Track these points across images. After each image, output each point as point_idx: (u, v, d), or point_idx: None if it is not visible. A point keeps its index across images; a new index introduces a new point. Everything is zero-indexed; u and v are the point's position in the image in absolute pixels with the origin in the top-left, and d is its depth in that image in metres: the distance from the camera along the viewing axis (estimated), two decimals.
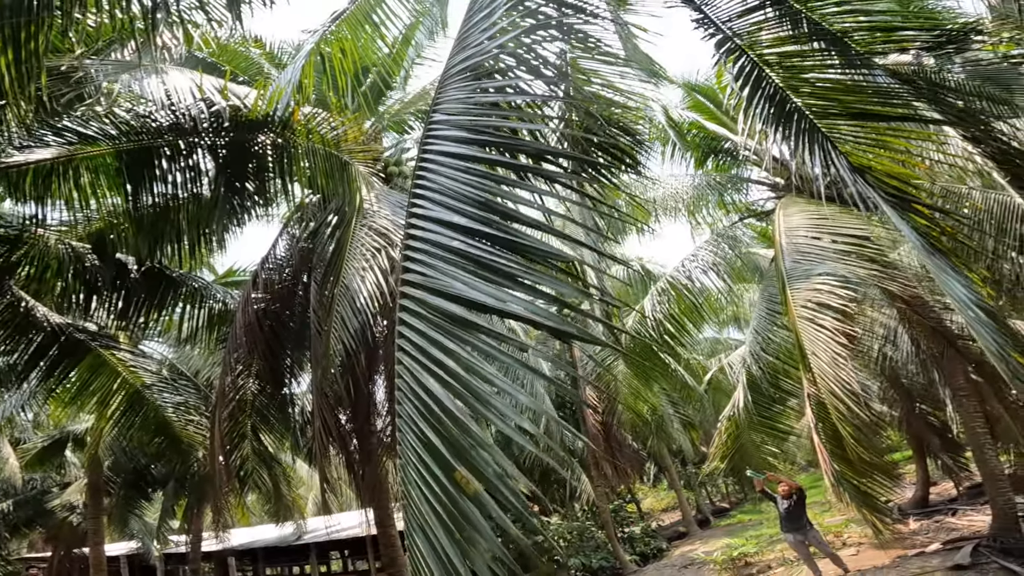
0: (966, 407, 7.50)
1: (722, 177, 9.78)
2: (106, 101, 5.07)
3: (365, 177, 5.63)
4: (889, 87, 3.58)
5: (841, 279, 4.61)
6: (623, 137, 4.79)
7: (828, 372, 4.33)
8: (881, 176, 3.22)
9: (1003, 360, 2.82)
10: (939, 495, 12.60)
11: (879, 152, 3.43)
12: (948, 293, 2.74)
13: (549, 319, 1.21)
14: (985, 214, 5.53)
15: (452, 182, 1.79)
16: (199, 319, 7.61)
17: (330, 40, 5.53)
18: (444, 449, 1.23)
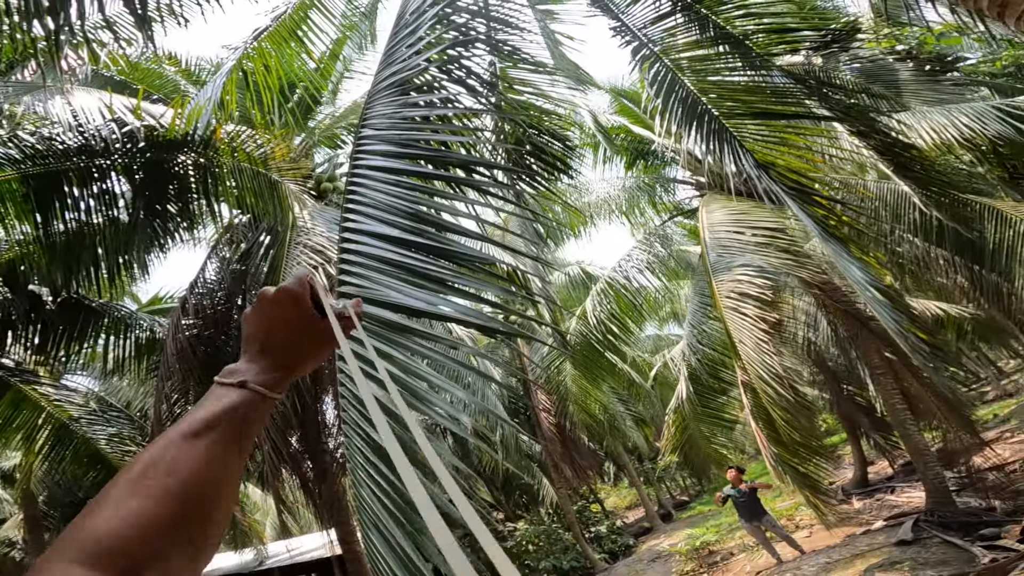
0: (884, 385, 7.78)
1: (651, 178, 10.19)
2: (8, 124, 4.77)
3: (297, 195, 5.55)
4: (785, 87, 3.88)
5: (758, 269, 4.94)
6: (555, 144, 4.95)
7: (754, 358, 4.61)
8: (783, 171, 3.49)
9: (902, 336, 3.14)
10: (877, 474, 13.13)
11: (780, 149, 3.71)
12: (847, 276, 3.01)
13: (477, 318, 1.29)
14: (881, 202, 6.05)
15: (383, 196, 1.84)
16: (125, 349, 7.33)
17: (253, 56, 5.41)
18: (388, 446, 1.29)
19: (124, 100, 5.09)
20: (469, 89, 3.47)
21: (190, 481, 0.50)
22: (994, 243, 5.55)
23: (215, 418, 0.56)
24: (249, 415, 0.58)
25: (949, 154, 5.96)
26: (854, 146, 4.48)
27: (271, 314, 0.66)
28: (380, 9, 7.76)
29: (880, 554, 6.92)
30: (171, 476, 0.50)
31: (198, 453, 0.52)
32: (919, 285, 9.10)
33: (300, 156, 8.18)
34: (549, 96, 4.97)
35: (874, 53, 5.60)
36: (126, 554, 0.44)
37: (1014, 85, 6.80)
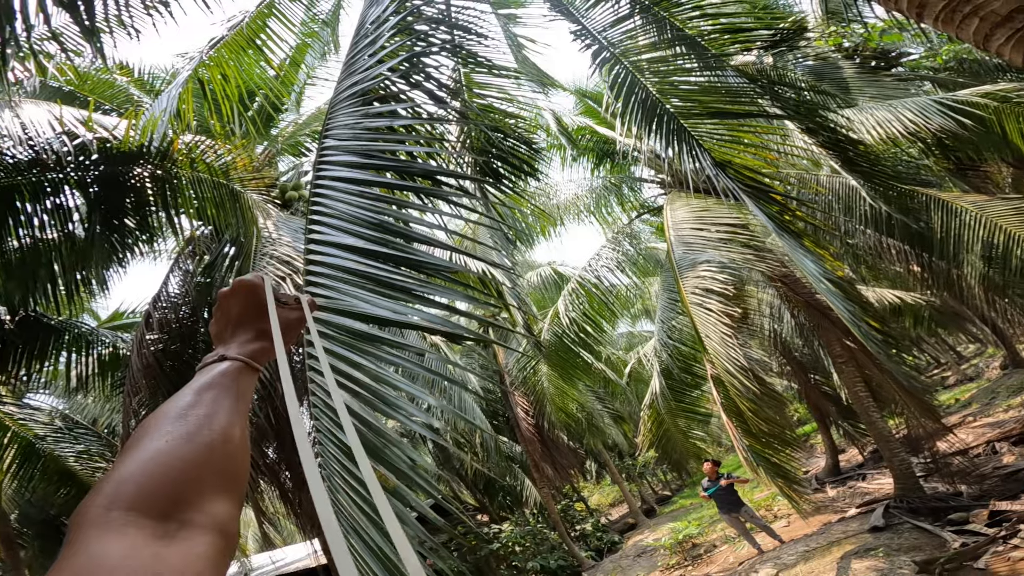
0: (847, 374, 7.86)
1: (617, 178, 10.33)
2: None
3: (260, 205, 5.47)
4: (739, 86, 4.01)
5: (720, 265, 5.08)
6: (521, 147, 5.00)
7: (720, 351, 4.73)
8: (740, 168, 3.61)
9: (856, 325, 3.28)
10: (848, 462, 13.32)
11: (736, 147, 3.84)
12: (802, 269, 3.13)
13: (444, 325, 1.32)
14: (834, 196, 6.27)
15: (347, 206, 1.86)
16: (88, 366, 7.18)
17: (209, 65, 5.32)
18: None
19: (75, 112, 4.95)
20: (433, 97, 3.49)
21: (209, 427, 0.52)
22: (942, 232, 5.81)
23: (210, 382, 0.59)
24: (239, 381, 0.61)
25: (896, 148, 6.21)
26: (805, 143, 4.65)
27: (233, 302, 0.73)
28: (342, 16, 7.70)
29: (855, 541, 7.05)
30: (192, 424, 0.51)
31: (209, 406, 0.55)
32: (875, 275, 9.43)
33: (263, 165, 8.07)
34: (514, 99, 5.02)
35: (821, 51, 5.81)
36: (163, 496, 0.45)
37: (955, 79, 7.12)
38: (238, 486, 0.52)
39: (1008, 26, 2.14)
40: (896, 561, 5.93)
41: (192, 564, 0.42)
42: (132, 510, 0.42)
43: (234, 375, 0.61)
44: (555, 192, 10.27)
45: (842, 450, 14.12)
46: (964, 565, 5.22)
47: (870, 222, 6.05)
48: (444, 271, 1.42)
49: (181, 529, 0.43)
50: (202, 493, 0.47)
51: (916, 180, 6.27)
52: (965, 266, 5.94)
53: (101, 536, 0.40)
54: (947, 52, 7.40)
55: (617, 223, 10.28)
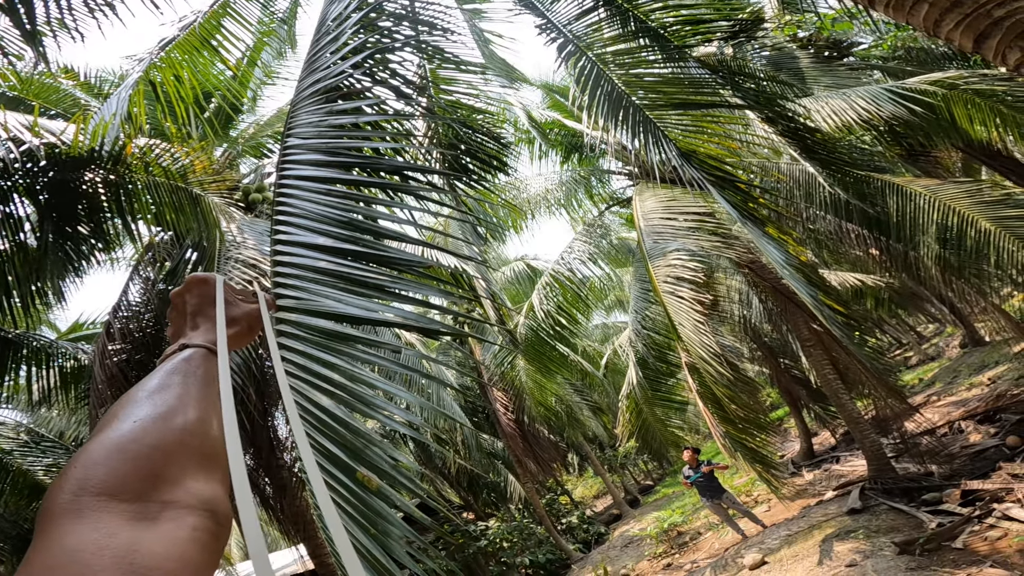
0: (815, 357, 7.98)
1: (586, 171, 10.40)
2: None
3: (222, 208, 5.33)
4: (701, 77, 4.07)
5: (690, 253, 5.16)
6: (489, 142, 4.98)
7: (694, 339, 4.81)
8: (704, 158, 3.67)
9: (819, 309, 3.37)
10: (821, 445, 13.60)
11: (700, 137, 3.90)
12: (767, 255, 3.20)
13: (418, 321, 1.30)
14: (794, 183, 6.43)
15: (313, 205, 1.82)
16: (49, 379, 6.94)
17: (161, 67, 5.15)
18: (342, 454, 1.29)
19: (19, 117, 4.73)
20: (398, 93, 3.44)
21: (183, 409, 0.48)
22: (898, 216, 6.01)
23: (175, 367, 0.56)
24: (204, 366, 0.58)
25: (850, 135, 6.39)
26: (765, 132, 4.74)
27: (187, 297, 0.72)
28: (300, 14, 7.54)
29: (835, 524, 7.17)
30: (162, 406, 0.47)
31: (179, 388, 0.51)
32: (836, 259, 9.70)
33: (224, 167, 7.86)
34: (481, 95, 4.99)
35: (778, 41, 5.94)
36: (139, 476, 0.40)
37: (904, 68, 7.36)
38: (221, 465, 0.47)
39: (957, 11, 2.21)
40: (876, 543, 6.06)
41: (176, 548, 0.37)
42: (104, 494, 0.38)
43: (199, 360, 0.58)
44: (525, 186, 10.28)
45: (815, 433, 14.37)
46: (943, 545, 5.30)
47: (830, 208, 6.22)
48: (416, 266, 1.40)
49: (163, 511, 0.39)
50: (184, 469, 0.42)
51: (871, 166, 6.46)
52: (921, 248, 6.15)
53: (72, 525, 0.36)
54: (892, 39, 7.63)
55: (587, 215, 10.35)
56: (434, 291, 1.37)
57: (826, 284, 5.35)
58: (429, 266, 1.50)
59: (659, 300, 5.37)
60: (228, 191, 6.46)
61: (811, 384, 11.68)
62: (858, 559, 5.81)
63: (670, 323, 5.22)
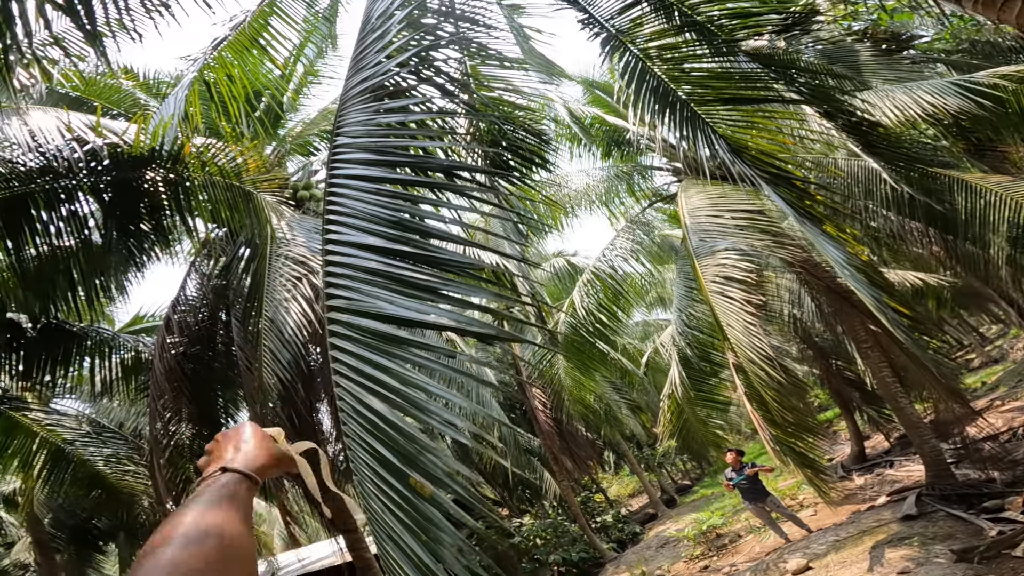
0: (872, 359, 7.65)
1: (628, 166, 10.23)
2: None
3: (273, 206, 5.47)
4: (752, 71, 3.92)
5: (741, 252, 4.98)
6: (530, 138, 4.95)
7: (743, 341, 4.65)
8: (756, 154, 3.53)
9: (882, 312, 3.20)
10: (874, 448, 13.09)
11: (752, 132, 3.75)
12: (825, 256, 3.05)
13: (471, 325, 1.29)
14: (852, 179, 6.13)
15: (364, 204, 1.83)
16: (111, 371, 7.27)
17: (214, 67, 5.31)
18: (395, 459, 1.29)
19: (83, 117, 4.94)
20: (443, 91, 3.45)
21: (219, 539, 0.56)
22: (966, 213, 5.67)
23: (214, 495, 0.63)
24: (241, 491, 0.67)
25: (913, 130, 6.06)
26: (824, 127, 4.54)
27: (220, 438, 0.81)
28: (341, 12, 7.66)
29: (887, 530, 6.92)
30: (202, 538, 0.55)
31: (216, 518, 0.58)
32: (896, 257, 9.26)
33: (274, 165, 8.08)
34: (522, 91, 4.97)
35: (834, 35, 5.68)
36: None
37: (969, 61, 6.94)
38: None
39: None
40: (931, 550, 5.81)
41: None
42: None
43: (234, 486, 0.67)
44: (566, 182, 10.20)
45: (867, 436, 13.83)
46: (1003, 553, 5.09)
47: (892, 204, 5.92)
48: (467, 268, 1.38)
49: None
50: None
51: (935, 162, 6.12)
52: (991, 247, 5.80)
53: None
54: (953, 28, 7.21)
55: (629, 212, 10.20)
56: (484, 293, 1.35)
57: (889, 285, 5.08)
58: (480, 268, 1.48)
59: (705, 299, 5.22)
60: (278, 189, 6.64)
61: (865, 386, 11.25)
62: (911, 566, 5.58)
63: (717, 324, 5.07)
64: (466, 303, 1.34)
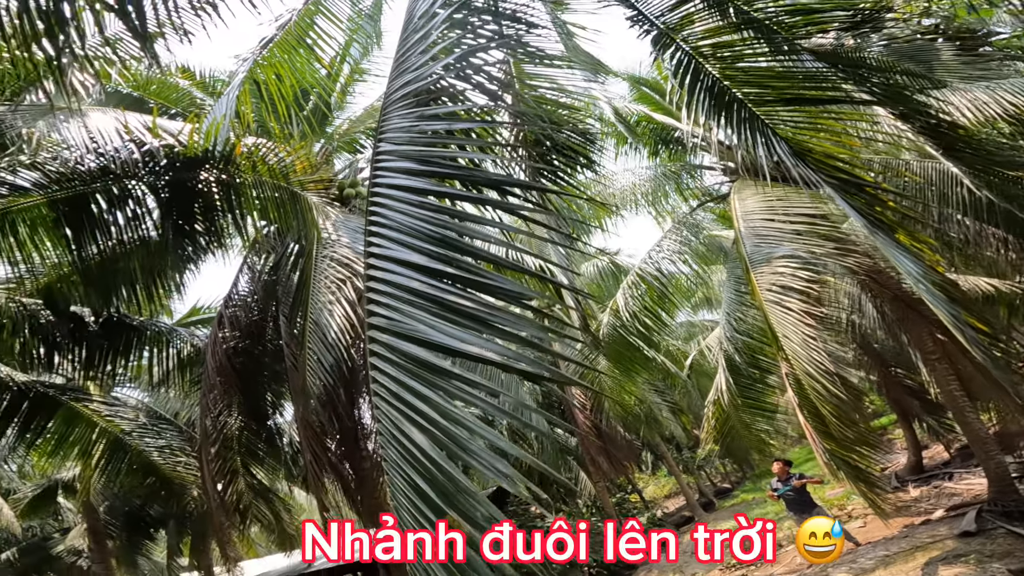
0: (939, 370, 7.35)
1: (676, 166, 9.94)
2: (29, 148, 4.83)
3: (319, 207, 5.53)
4: (817, 71, 3.68)
5: (801, 261, 4.71)
6: (575, 138, 4.82)
7: (801, 354, 4.40)
8: (821, 158, 3.30)
9: (960, 329, 2.94)
10: (932, 459, 12.61)
11: (816, 134, 3.52)
12: (899, 268, 2.82)
13: (521, 361, 1.20)
14: (925, 183, 5.73)
15: (406, 218, 1.76)
16: (168, 363, 7.58)
17: (264, 66, 5.40)
18: (433, 494, 1.22)
19: (140, 118, 5.06)
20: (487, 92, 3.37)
21: None
22: None
23: None
24: None
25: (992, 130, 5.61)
26: (898, 128, 4.24)
27: None
28: (385, 10, 7.70)
29: (942, 546, 6.64)
30: None
31: None
32: (967, 263, 8.67)
33: (321, 164, 8.20)
34: (567, 90, 4.84)
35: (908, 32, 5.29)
36: None
37: None
38: None
39: None
40: (988, 568, 5.55)
41: None
42: None
43: None
44: (611, 181, 9.99)
45: (924, 446, 13.23)
46: None
47: (968, 209, 5.49)
48: (516, 296, 1.29)
49: None
50: None
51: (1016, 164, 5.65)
52: None
53: None
54: None
55: (676, 212, 9.91)
56: (533, 326, 1.25)
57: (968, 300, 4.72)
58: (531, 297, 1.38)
59: (760, 307, 4.97)
60: (324, 188, 6.73)
61: (927, 395, 10.84)
62: None
63: (771, 334, 4.82)
64: (523, 341, 1.24)
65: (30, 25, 2.47)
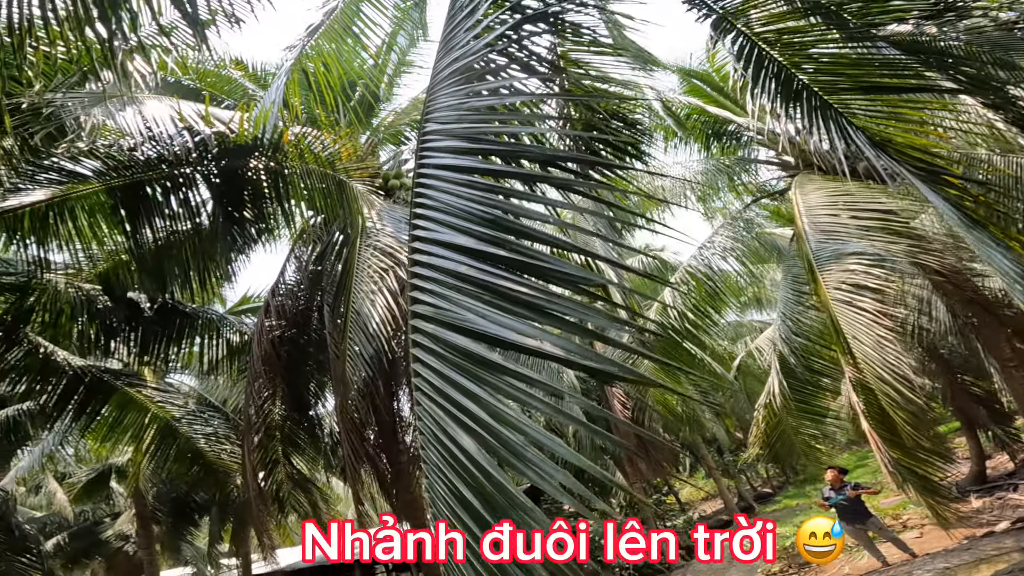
0: (1016, 378, 6.93)
1: (730, 160, 9.54)
2: (87, 136, 4.95)
3: (364, 195, 5.49)
4: (897, 58, 3.42)
5: (875, 258, 4.36)
6: (625, 128, 4.63)
7: (874, 357, 4.08)
8: (903, 148, 3.03)
9: None
10: (995, 469, 12.08)
11: (896, 124, 3.25)
12: (995, 268, 2.53)
13: (584, 356, 1.04)
14: (1012, 178, 5.24)
15: (454, 198, 1.62)
16: (218, 351, 7.69)
17: (311, 55, 5.39)
18: (479, 505, 1.08)
19: (194, 106, 5.12)
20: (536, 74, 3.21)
21: None
22: None
23: None
24: None
25: None
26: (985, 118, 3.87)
27: None
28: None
29: (1008, 559, 6.29)
30: None
31: None
32: None
33: (366, 154, 8.22)
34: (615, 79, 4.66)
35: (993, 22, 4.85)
36: None
37: None
38: None
39: None
40: None
41: None
42: None
43: None
44: (660, 175, 9.65)
45: (988, 456, 12.54)
46: None
47: None
48: (578, 281, 1.13)
49: None
50: None
51: None
52: None
53: None
54: None
55: (729, 207, 9.51)
56: (598, 315, 1.09)
57: None
58: (597, 284, 1.23)
59: (825, 307, 4.63)
60: (369, 178, 6.71)
61: (995, 404, 10.41)
62: None
63: (837, 336, 4.48)
64: (583, 330, 1.08)
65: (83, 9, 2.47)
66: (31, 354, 6.32)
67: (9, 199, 4.91)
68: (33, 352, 6.33)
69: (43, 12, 2.66)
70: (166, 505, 15.33)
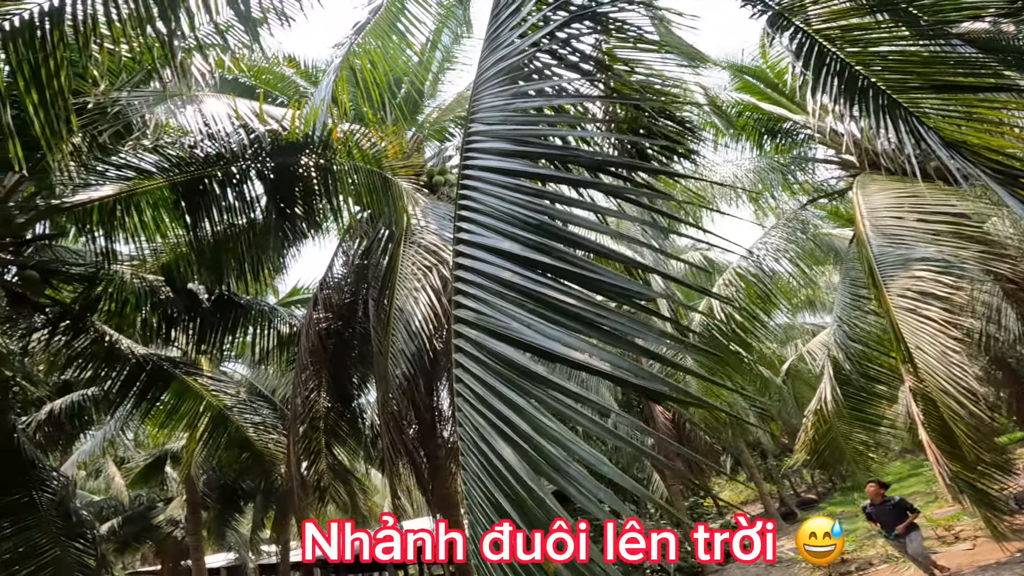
0: None
1: (784, 158, 9.17)
2: (152, 134, 5.19)
3: (409, 192, 5.55)
4: (974, 56, 3.21)
5: (943, 264, 4.09)
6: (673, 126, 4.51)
7: (937, 368, 3.84)
8: (978, 149, 2.84)
9: None
10: None
11: (971, 124, 3.05)
12: None
13: (635, 373, 1.00)
14: None
15: (499, 202, 1.60)
16: (269, 341, 7.92)
17: (358, 53, 5.48)
18: (517, 518, 1.06)
19: (248, 104, 5.29)
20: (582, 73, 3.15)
21: None
22: None
23: None
24: None
25: None
26: None
27: None
28: None
29: None
30: None
31: None
32: None
33: (411, 151, 8.32)
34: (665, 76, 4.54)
35: None
36: None
37: None
38: None
39: None
40: None
41: None
42: None
43: None
44: (710, 173, 9.38)
45: None
46: None
47: None
48: (631, 295, 1.09)
49: None
50: None
51: None
52: None
53: None
54: None
55: (783, 207, 9.15)
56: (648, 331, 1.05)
57: None
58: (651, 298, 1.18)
59: (886, 314, 4.39)
60: (414, 175, 6.78)
61: None
62: None
63: (898, 343, 4.24)
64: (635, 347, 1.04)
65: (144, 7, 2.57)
66: (97, 342, 6.68)
67: (79, 194, 5.20)
68: (99, 340, 6.69)
69: (106, 10, 2.80)
70: (215, 492, 15.90)
